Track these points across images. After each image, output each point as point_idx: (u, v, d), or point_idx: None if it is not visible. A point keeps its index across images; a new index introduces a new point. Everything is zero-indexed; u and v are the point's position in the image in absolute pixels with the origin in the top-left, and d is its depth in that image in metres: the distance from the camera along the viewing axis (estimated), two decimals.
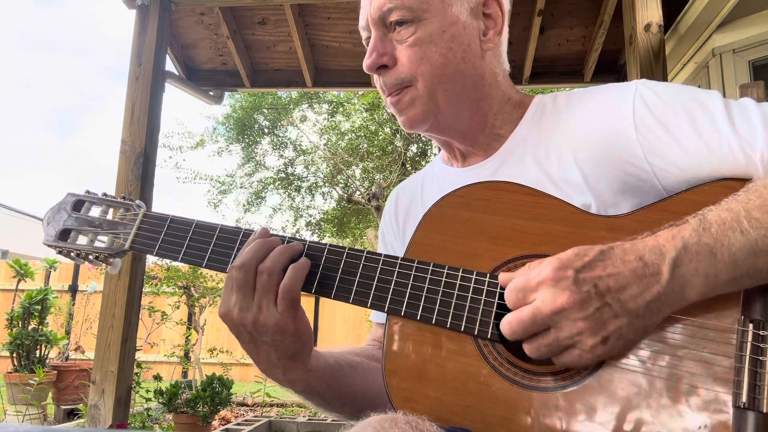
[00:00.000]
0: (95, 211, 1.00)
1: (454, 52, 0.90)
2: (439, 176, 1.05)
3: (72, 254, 0.99)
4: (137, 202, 0.99)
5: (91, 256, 0.98)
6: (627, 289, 0.67)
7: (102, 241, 0.98)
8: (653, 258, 0.68)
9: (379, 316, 1.09)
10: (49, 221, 1.00)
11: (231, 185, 11.25)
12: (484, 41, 0.94)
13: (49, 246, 1.00)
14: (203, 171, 11.94)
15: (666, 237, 0.69)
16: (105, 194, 1.02)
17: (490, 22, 0.95)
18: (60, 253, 1.00)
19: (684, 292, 0.68)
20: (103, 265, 1.00)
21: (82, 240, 0.98)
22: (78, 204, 1.01)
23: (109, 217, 0.99)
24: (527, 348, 0.70)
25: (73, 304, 7.36)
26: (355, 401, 0.94)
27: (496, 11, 0.96)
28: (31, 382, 4.79)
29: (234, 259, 0.86)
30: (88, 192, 1.03)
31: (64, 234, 0.99)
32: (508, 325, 0.70)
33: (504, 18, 0.97)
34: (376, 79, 0.95)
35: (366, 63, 0.92)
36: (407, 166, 10.17)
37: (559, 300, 0.66)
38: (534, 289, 0.69)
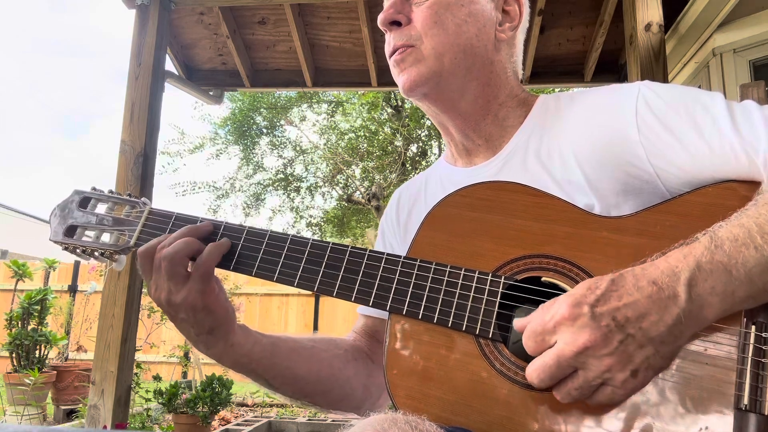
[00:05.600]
0: (101, 208, 1.00)
1: (469, 26, 0.91)
2: (443, 176, 1.05)
3: (78, 251, 0.99)
4: (143, 199, 0.99)
5: (96, 253, 0.98)
6: (647, 317, 0.64)
7: (107, 238, 0.98)
8: (667, 280, 0.65)
9: (365, 308, 1.08)
10: (55, 218, 1.00)
11: (230, 190, 11.25)
12: (499, 30, 0.95)
13: (55, 242, 1.00)
14: (201, 178, 11.96)
15: (677, 257, 0.67)
16: (111, 191, 1.02)
17: (507, 17, 0.97)
18: (66, 249, 1.00)
19: (702, 312, 0.66)
20: (109, 261, 1.00)
21: (88, 237, 0.98)
22: (84, 201, 1.01)
23: (115, 214, 0.99)
24: (558, 395, 0.67)
25: (73, 304, 7.35)
26: (296, 383, 0.96)
27: (514, 10, 0.98)
28: (27, 381, 4.78)
29: (238, 252, 0.90)
30: (94, 189, 1.03)
31: (70, 230, 0.99)
32: (534, 373, 0.67)
33: (521, 18, 0.99)
34: (386, 39, 0.96)
35: (381, 17, 0.94)
36: (407, 166, 10.17)
37: (580, 339, 0.64)
38: (552, 332, 0.66)
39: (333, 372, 0.99)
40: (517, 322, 0.71)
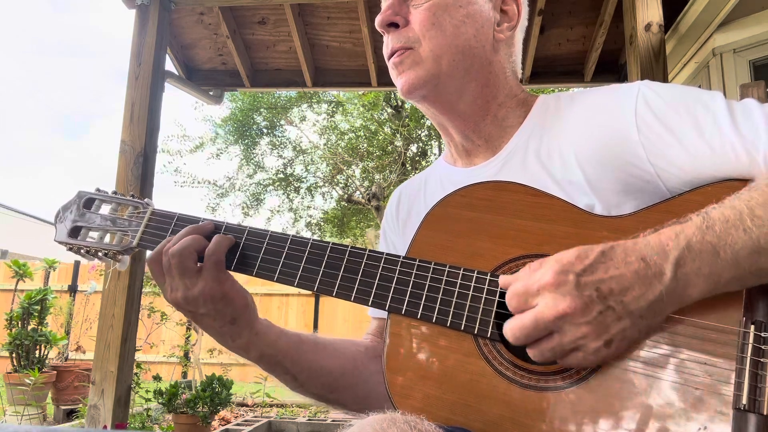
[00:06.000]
0: (105, 209, 1.02)
1: (467, 27, 0.91)
2: (442, 176, 1.05)
3: (82, 251, 1.01)
4: (146, 200, 1.01)
5: (100, 253, 1.00)
6: (629, 291, 0.66)
7: (111, 238, 1.00)
8: (656, 258, 0.67)
9: (376, 311, 1.09)
10: (60, 219, 1.02)
11: (229, 188, 11.25)
12: (497, 30, 0.95)
13: (60, 243, 1.02)
14: (202, 175, 11.98)
15: (669, 235, 0.69)
16: (115, 192, 1.04)
17: (505, 17, 0.97)
18: (70, 249, 1.01)
19: (686, 291, 0.67)
20: (112, 261, 1.02)
21: (92, 237, 1.00)
22: (88, 202, 1.03)
23: (118, 215, 1.01)
24: (531, 352, 0.70)
25: (73, 304, 7.35)
26: (322, 377, 0.96)
27: (512, 9, 0.98)
28: (27, 381, 4.78)
29: (239, 252, 0.90)
30: (98, 190, 1.04)
31: (75, 231, 1.01)
32: (510, 330, 0.69)
33: (520, 17, 0.99)
34: (384, 40, 0.96)
35: (378, 18, 0.94)
36: (407, 166, 10.17)
37: (561, 305, 0.66)
38: (535, 294, 0.68)
39: (357, 366, 1.00)
40: (502, 279, 0.73)
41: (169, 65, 3.56)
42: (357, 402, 1.01)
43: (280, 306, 8.81)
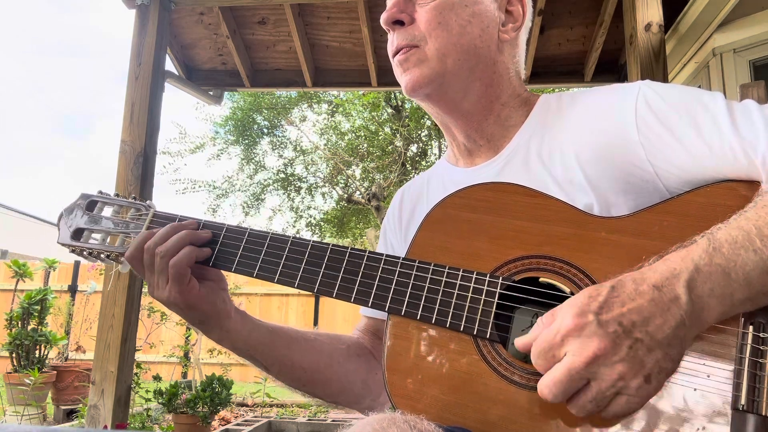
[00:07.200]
0: (107, 211, 1.03)
1: (473, 27, 0.91)
2: (444, 176, 1.05)
3: (84, 253, 1.02)
4: (148, 202, 1.02)
5: (102, 255, 1.01)
6: (652, 320, 0.63)
7: (113, 240, 1.01)
8: (667, 283, 0.65)
9: (368, 309, 1.09)
10: (63, 221, 1.03)
11: (230, 189, 11.25)
12: (502, 31, 0.95)
13: (63, 245, 1.03)
14: (202, 177, 11.98)
15: (675, 260, 0.67)
16: (117, 195, 1.05)
17: (510, 18, 0.97)
18: (73, 251, 1.03)
19: (702, 314, 0.65)
20: (114, 263, 1.03)
21: (95, 239, 1.01)
22: (91, 204, 1.04)
23: (120, 217, 1.02)
24: (573, 409, 0.65)
25: (73, 305, 7.35)
26: (293, 372, 0.99)
27: (518, 10, 0.98)
28: (27, 381, 4.78)
29: (240, 254, 0.92)
30: (100, 192, 1.05)
31: (77, 233, 1.02)
32: (546, 389, 0.64)
33: (524, 18, 0.99)
34: (389, 38, 0.96)
35: (384, 16, 0.94)
36: (407, 166, 10.17)
37: (590, 348, 0.62)
38: (560, 345, 0.64)
39: (332, 364, 1.01)
40: (519, 342, 0.69)
41: (169, 65, 3.56)
42: (329, 397, 1.03)
43: (280, 306, 8.82)
